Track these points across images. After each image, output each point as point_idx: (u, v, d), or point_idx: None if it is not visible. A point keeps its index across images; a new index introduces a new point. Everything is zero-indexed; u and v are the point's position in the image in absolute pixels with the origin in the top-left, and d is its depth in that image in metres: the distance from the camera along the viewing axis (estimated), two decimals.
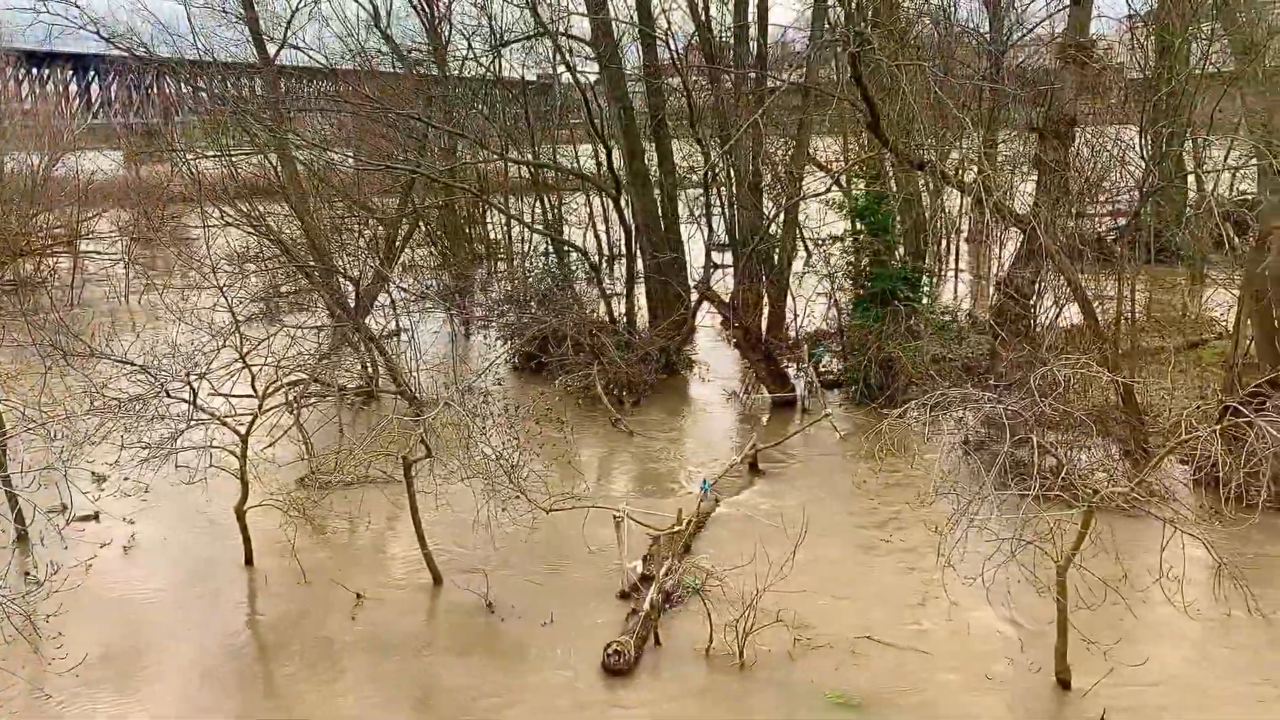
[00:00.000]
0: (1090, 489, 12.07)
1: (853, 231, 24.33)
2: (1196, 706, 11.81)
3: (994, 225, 26.46)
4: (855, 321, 23.80)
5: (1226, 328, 23.40)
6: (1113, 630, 12.50)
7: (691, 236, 29.94)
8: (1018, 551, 11.95)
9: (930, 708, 12.07)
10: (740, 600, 13.36)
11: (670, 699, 12.45)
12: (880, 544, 16.32)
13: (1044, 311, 23.78)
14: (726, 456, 20.22)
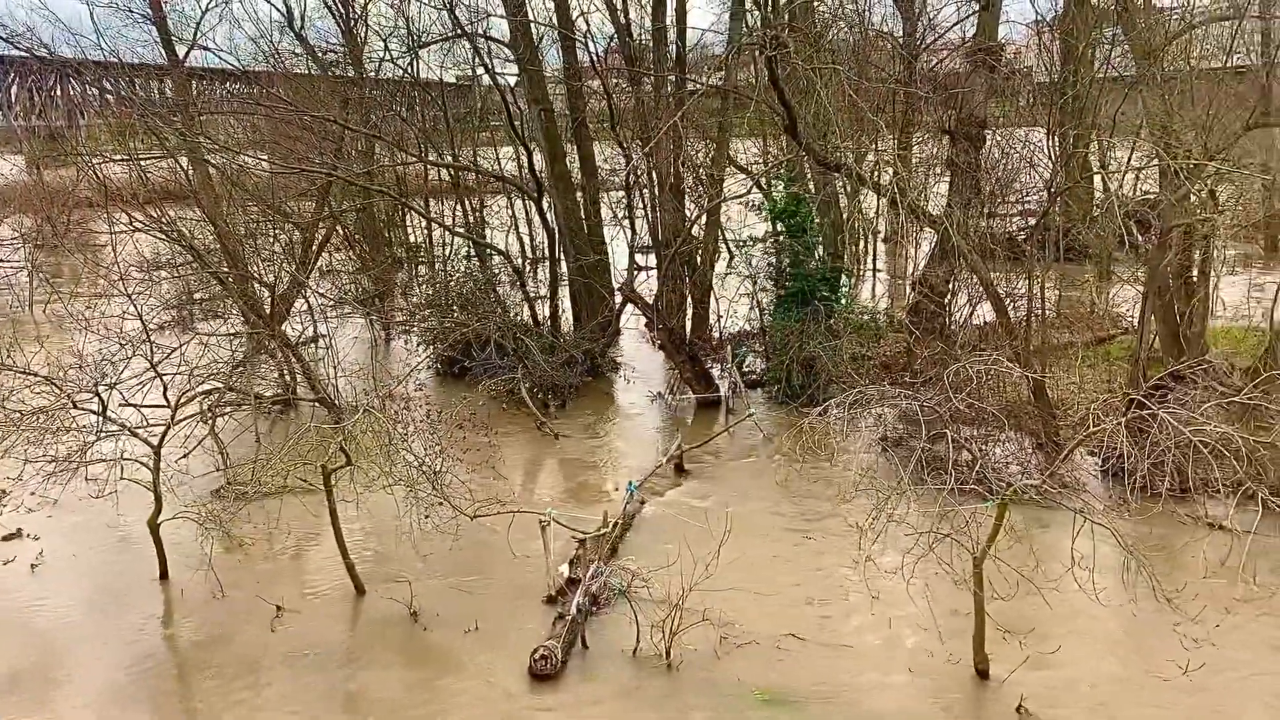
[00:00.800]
0: (1004, 482, 12.40)
1: (773, 233, 24.61)
2: (1108, 690, 12.20)
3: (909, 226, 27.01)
4: (777, 322, 24.07)
5: (1132, 323, 24.21)
6: (1028, 619, 12.85)
7: (614, 238, 29.98)
8: (935, 545, 12.24)
9: (854, 702, 12.26)
10: (667, 601, 13.41)
11: (598, 702, 12.45)
12: (804, 541, 16.52)
13: (958, 310, 24.33)
14: (652, 458, 20.27)
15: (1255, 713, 11.60)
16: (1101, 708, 11.86)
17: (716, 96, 26.28)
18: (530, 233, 35.69)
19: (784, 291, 24.23)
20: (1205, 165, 18.26)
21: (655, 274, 28.13)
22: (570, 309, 27.73)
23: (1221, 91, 20.50)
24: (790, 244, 24.03)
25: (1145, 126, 22.83)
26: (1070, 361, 22.08)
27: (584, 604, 13.94)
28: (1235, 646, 12.22)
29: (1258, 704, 11.73)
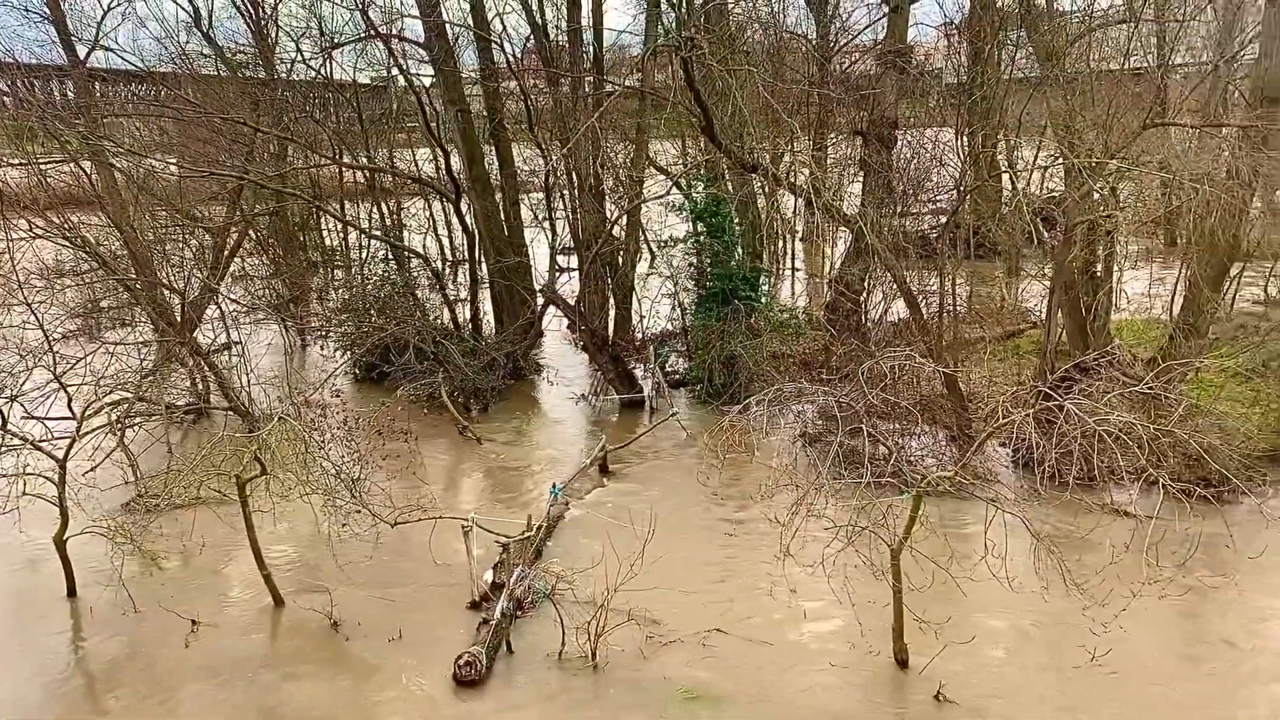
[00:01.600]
0: (919, 475, 12.68)
1: (694, 233, 24.78)
2: (1021, 675, 12.57)
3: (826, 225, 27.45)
4: (698, 321, 24.24)
5: (1040, 318, 24.94)
6: (944, 608, 13.13)
7: (535, 240, 29.82)
8: (854, 538, 12.46)
9: (777, 696, 12.41)
10: (592, 602, 13.43)
11: (523, 706, 12.39)
12: (727, 538, 16.67)
13: (873, 307, 24.81)
14: (576, 460, 20.25)
15: (1157, 692, 12.05)
16: (1015, 692, 12.20)
17: (634, 97, 26.35)
18: (449, 235, 35.35)
19: (705, 291, 24.42)
20: (1106, 163, 18.92)
21: (577, 275, 28.09)
22: (491, 311, 27.53)
23: (1120, 92, 21.26)
24: (710, 244, 24.22)
25: (1049, 126, 23.54)
26: (981, 356, 22.64)
27: (508, 608, 13.86)
28: (1140, 628, 12.67)
29: (1159, 684, 12.20)
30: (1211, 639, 13.16)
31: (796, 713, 12.06)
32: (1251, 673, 12.51)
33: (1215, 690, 12.12)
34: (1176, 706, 11.83)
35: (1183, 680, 12.31)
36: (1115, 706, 11.85)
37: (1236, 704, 11.88)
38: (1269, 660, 12.77)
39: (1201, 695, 12.02)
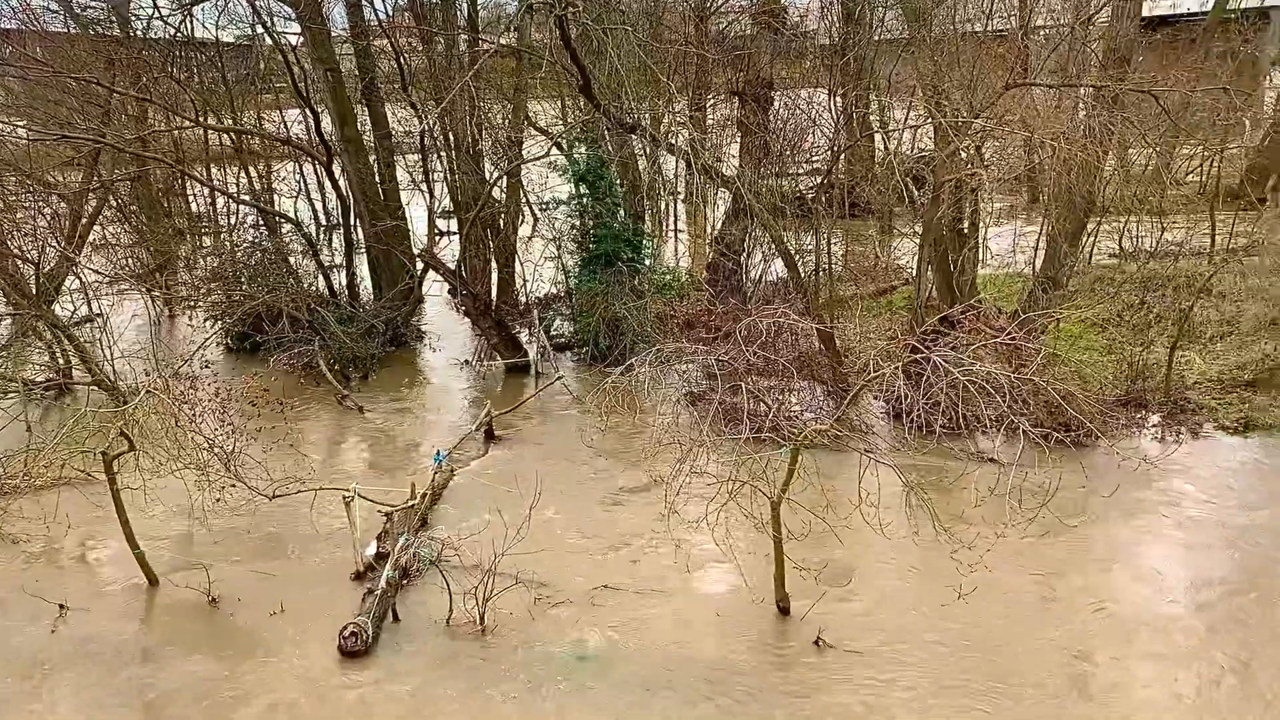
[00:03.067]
0: (796, 429, 13.03)
1: (576, 195, 24.66)
2: (894, 617, 13.11)
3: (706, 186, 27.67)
4: (582, 284, 24.21)
5: (912, 274, 25.75)
6: (822, 556, 13.59)
7: (411, 203, 29.21)
8: (735, 493, 12.76)
9: (665, 647, 12.68)
10: (479, 567, 13.42)
11: (411, 673, 12.35)
12: (612, 498, 16.84)
13: (754, 267, 25.21)
14: (461, 426, 20.09)
15: (1021, 628, 12.75)
16: (889, 634, 12.74)
17: (511, 56, 25.97)
18: (322, 199, 34.32)
19: (588, 254, 24.38)
20: (971, 123, 19.56)
21: (457, 239, 27.68)
22: (369, 277, 26.93)
23: (984, 53, 21.94)
24: (593, 206, 24.16)
25: (918, 87, 24.18)
26: (855, 313, 23.28)
27: (393, 577, 13.74)
28: (1003, 568, 13.35)
29: (1023, 620, 12.91)
30: (1067, 573, 13.96)
31: (683, 664, 12.34)
32: (1099, 601, 13.36)
33: (1068, 619, 12.91)
34: (1033, 636, 12.54)
35: (1038, 612, 13.07)
36: (978, 638, 12.50)
37: (1086, 631, 12.68)
38: (1114, 588, 13.68)
39: (1055, 625, 12.77)
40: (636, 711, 11.52)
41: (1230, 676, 11.70)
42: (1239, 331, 22.16)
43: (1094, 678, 11.78)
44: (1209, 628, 12.67)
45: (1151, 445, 17.97)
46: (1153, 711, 11.18)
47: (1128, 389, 19.44)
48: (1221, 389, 19.90)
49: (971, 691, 11.59)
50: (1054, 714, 11.18)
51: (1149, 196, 26.51)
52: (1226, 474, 16.86)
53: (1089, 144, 20.14)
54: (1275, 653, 12.09)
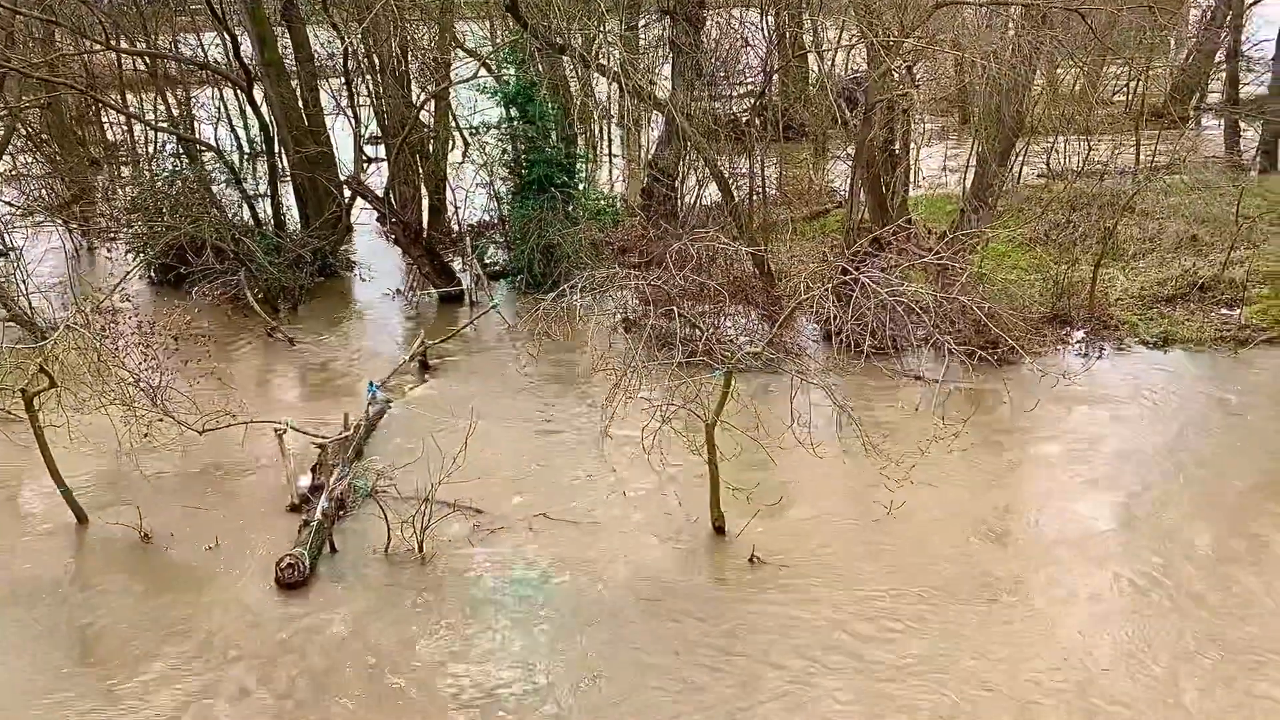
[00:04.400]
0: (729, 352, 13.13)
1: (507, 119, 24.19)
2: (826, 533, 13.46)
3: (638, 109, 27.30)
4: (515, 211, 23.89)
5: (845, 196, 25.84)
6: (756, 477, 13.80)
7: (337, 128, 28.36)
8: (670, 416, 12.87)
9: (603, 569, 12.87)
10: (416, 497, 13.42)
11: (349, 601, 12.40)
12: (549, 425, 16.87)
13: (689, 191, 25.07)
14: (395, 357, 19.87)
15: (945, 538, 13.20)
16: (821, 549, 13.08)
17: None
18: (245, 126, 33.18)
19: (521, 180, 24.02)
20: (903, 42, 19.51)
21: (385, 165, 27.03)
22: (295, 206, 26.24)
23: None
24: (524, 130, 23.73)
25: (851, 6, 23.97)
26: (789, 236, 23.35)
27: (329, 508, 13.69)
28: (930, 481, 13.71)
29: (948, 532, 13.35)
30: (991, 487, 14.44)
31: (621, 586, 12.55)
32: (1021, 512, 13.90)
33: (991, 530, 13.39)
34: (957, 547, 13.00)
35: (963, 524, 13.53)
36: (904, 548, 12.93)
37: (1008, 542, 13.17)
38: (1035, 500, 14.24)
39: (979, 536, 13.25)
40: (575, 634, 11.72)
41: (1141, 582, 12.24)
42: (1160, 249, 22.74)
43: (1014, 586, 12.23)
44: (1124, 537, 13.21)
45: (1076, 361, 18.48)
46: (1071, 618, 11.67)
47: (1053, 306, 19.89)
48: (1143, 305, 20.46)
49: (899, 599, 12.00)
50: (976, 620, 11.61)
51: (1076, 116, 26.81)
52: (1146, 387, 17.42)
53: (1018, 63, 20.26)
54: (1185, 560, 12.66)
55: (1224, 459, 15.01)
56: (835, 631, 11.54)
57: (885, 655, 11.10)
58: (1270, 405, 16.84)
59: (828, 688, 10.67)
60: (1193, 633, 11.25)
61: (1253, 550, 12.77)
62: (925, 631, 11.45)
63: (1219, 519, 13.42)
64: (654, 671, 11.02)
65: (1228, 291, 20.49)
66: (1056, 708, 10.26)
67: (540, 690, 10.83)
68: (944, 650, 11.12)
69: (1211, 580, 12.18)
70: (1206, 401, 16.94)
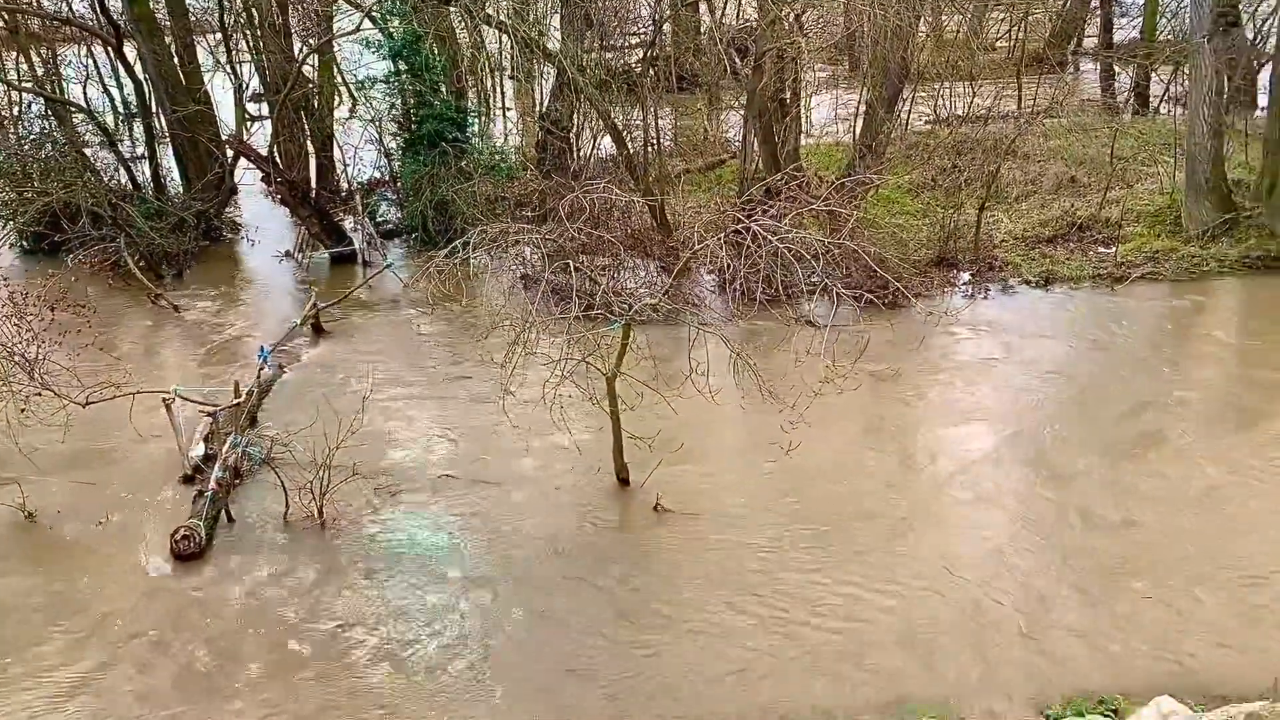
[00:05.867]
0: (627, 305, 13.19)
1: (394, 73, 23.60)
2: (726, 477, 13.77)
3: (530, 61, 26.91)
4: (407, 167, 23.43)
5: (739, 146, 25.99)
6: (657, 426, 13.94)
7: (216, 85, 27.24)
8: (571, 371, 12.89)
9: (509, 525, 12.91)
10: (314, 462, 13.19)
11: (249, 570, 12.21)
12: (448, 384, 16.75)
13: (583, 144, 24.91)
14: (286, 320, 19.40)
15: (836, 471, 13.70)
16: (722, 493, 13.36)
17: None
18: (118, 85, 31.64)
19: (411, 135, 23.53)
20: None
21: (269, 123, 26.15)
22: (175, 168, 25.23)
23: None
24: (412, 84, 23.20)
25: None
26: (684, 187, 23.44)
27: (223, 477, 13.38)
28: (822, 422, 14.05)
29: (837, 464, 13.86)
30: (881, 425, 14.95)
31: (528, 542, 12.61)
32: (909, 439, 14.50)
33: (883, 465, 13.90)
34: (853, 483, 13.47)
35: (857, 460, 14.04)
36: (803, 488, 13.33)
37: (899, 475, 13.69)
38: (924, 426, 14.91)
39: (872, 472, 13.72)
40: (481, 593, 11.75)
41: (1028, 507, 12.85)
42: (1041, 191, 23.51)
43: (910, 518, 12.69)
44: (1009, 465, 13.81)
45: (963, 302, 19.08)
46: (964, 545, 12.18)
47: (941, 250, 20.44)
48: (1026, 246, 21.19)
49: (801, 537, 12.35)
50: (877, 553, 12.03)
51: (960, 62, 27.40)
52: (1029, 324, 18.13)
53: (903, 10, 20.58)
54: (1067, 484, 13.31)
55: (1099, 389, 15.76)
56: (742, 572, 11.81)
57: (792, 593, 11.42)
58: (1142, 337, 17.71)
59: (737, 627, 10.94)
60: (1076, 553, 11.85)
61: (1128, 473, 13.46)
62: (829, 568, 11.80)
63: (1097, 445, 14.10)
64: (564, 624, 11.15)
65: (1104, 231, 21.33)
66: (952, 633, 10.73)
67: (449, 647, 10.86)
68: (848, 586, 11.49)
69: (1094, 502, 12.83)
70: (1085, 336, 17.69)
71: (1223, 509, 12.59)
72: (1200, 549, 11.81)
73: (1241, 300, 19.16)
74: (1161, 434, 14.45)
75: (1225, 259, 19.87)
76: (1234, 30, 22.77)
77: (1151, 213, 21.80)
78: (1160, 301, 18.94)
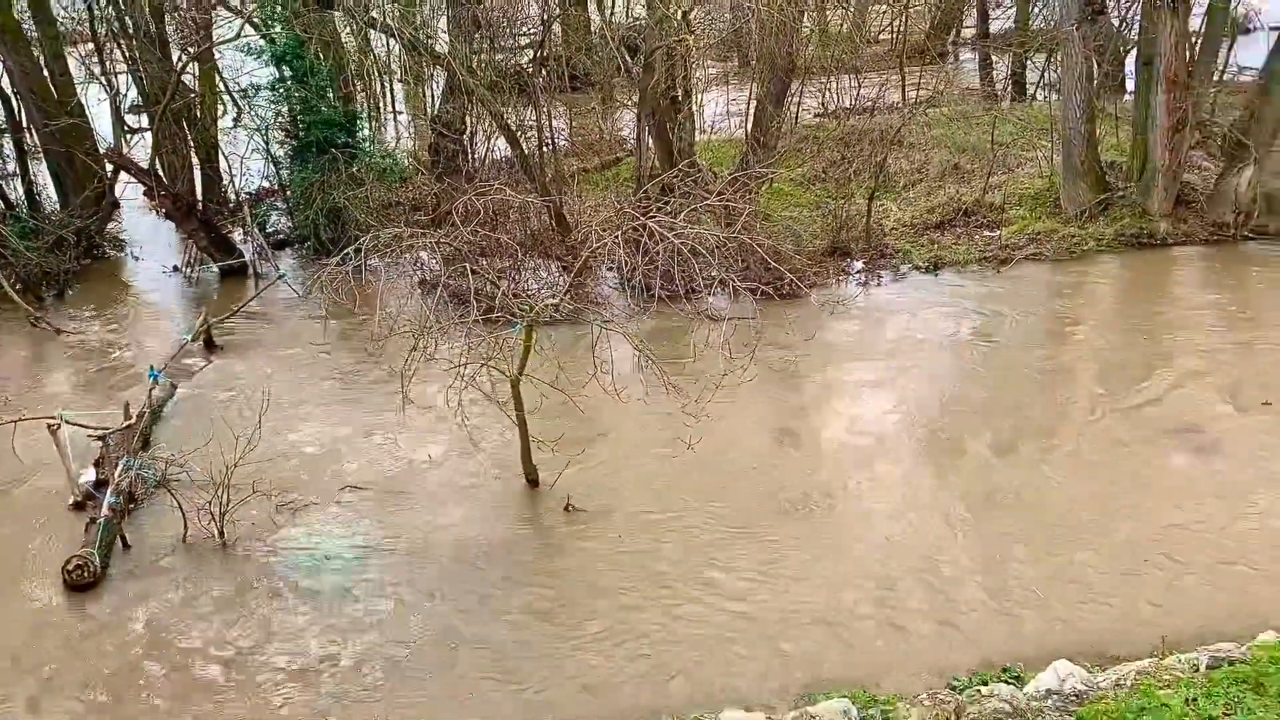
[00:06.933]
0: (528, 306, 13.15)
1: (279, 79, 23.05)
2: (634, 474, 13.82)
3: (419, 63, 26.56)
4: (296, 175, 22.92)
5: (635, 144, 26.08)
6: (564, 427, 13.96)
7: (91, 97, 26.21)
8: (474, 375, 12.80)
9: (417, 535, 12.75)
10: (212, 482, 12.84)
11: (149, 596, 11.82)
12: (348, 394, 16.47)
13: (477, 146, 24.71)
14: (177, 338, 18.80)
15: (741, 461, 13.92)
16: (631, 489, 13.44)
17: None
18: None
19: (299, 142, 23.03)
20: None
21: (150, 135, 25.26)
22: (51, 184, 24.20)
23: None
24: (297, 90, 22.69)
25: None
26: (580, 186, 23.44)
27: (117, 503, 12.91)
28: (722, 414, 14.23)
29: (741, 455, 14.07)
30: (781, 410, 15.28)
31: (437, 551, 12.47)
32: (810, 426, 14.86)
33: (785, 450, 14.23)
34: (762, 466, 13.76)
35: (763, 445, 14.35)
36: (711, 479, 13.50)
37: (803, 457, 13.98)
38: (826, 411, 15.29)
39: (776, 458, 14.04)
40: (391, 605, 11.57)
41: (931, 481, 13.26)
42: (927, 179, 24.21)
43: (819, 501, 12.97)
44: (909, 442, 14.23)
45: (857, 290, 19.56)
46: (869, 526, 12.51)
47: (834, 240, 20.89)
48: (915, 232, 21.80)
49: (713, 529, 12.52)
50: (789, 539, 12.26)
51: (845, 56, 27.99)
52: (921, 308, 18.68)
53: (788, 6, 20.94)
54: (958, 461, 13.76)
55: (990, 367, 16.37)
56: (656, 567, 11.90)
57: (705, 585, 11.55)
58: (1028, 314, 18.40)
59: (654, 622, 11.01)
60: (975, 527, 12.28)
61: (1020, 446, 13.99)
62: (740, 558, 11.97)
63: (989, 421, 14.63)
64: (478, 631, 11.06)
65: (989, 215, 22.08)
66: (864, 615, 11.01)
67: (361, 662, 10.69)
68: (759, 575, 11.67)
69: (991, 476, 13.33)
70: (974, 317, 18.31)
71: (1103, 475, 13.19)
72: (1085, 516, 12.35)
73: (1118, 275, 20.06)
74: (1047, 406, 15.07)
75: (1103, 237, 20.79)
76: (1101, 18, 23.75)
77: (1032, 196, 22.66)
78: (1043, 280, 19.73)
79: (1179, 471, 13.33)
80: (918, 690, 9.74)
